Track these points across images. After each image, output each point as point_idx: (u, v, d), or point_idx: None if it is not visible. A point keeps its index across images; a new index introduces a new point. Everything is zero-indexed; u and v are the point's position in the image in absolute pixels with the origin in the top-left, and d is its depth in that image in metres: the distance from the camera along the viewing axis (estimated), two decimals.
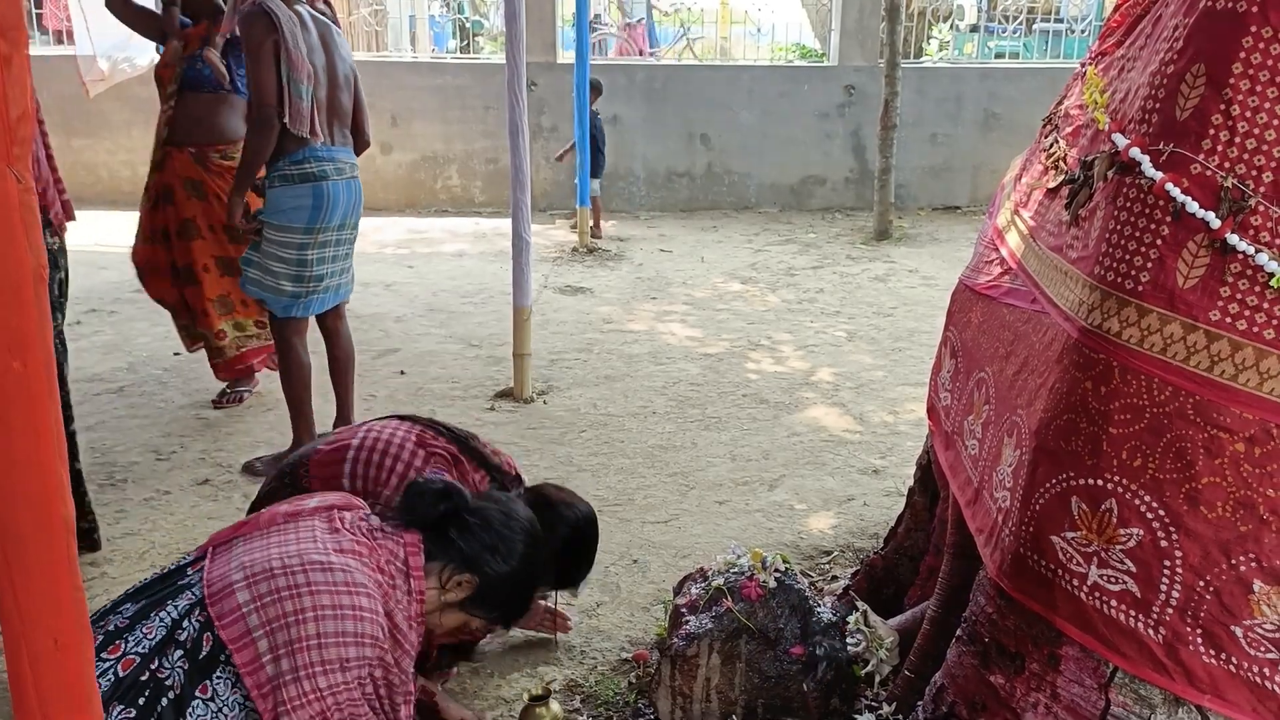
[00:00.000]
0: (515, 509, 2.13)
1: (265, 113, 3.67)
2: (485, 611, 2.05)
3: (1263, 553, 1.67)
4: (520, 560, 2.04)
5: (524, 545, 2.06)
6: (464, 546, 1.98)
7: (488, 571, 1.99)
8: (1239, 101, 1.66)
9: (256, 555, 1.84)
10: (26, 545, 1.16)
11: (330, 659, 1.75)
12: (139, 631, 1.80)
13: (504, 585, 2.02)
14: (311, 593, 1.76)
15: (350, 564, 1.83)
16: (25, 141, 1.08)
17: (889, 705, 2.43)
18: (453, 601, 1.99)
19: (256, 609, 1.77)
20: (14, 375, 1.10)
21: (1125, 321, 1.75)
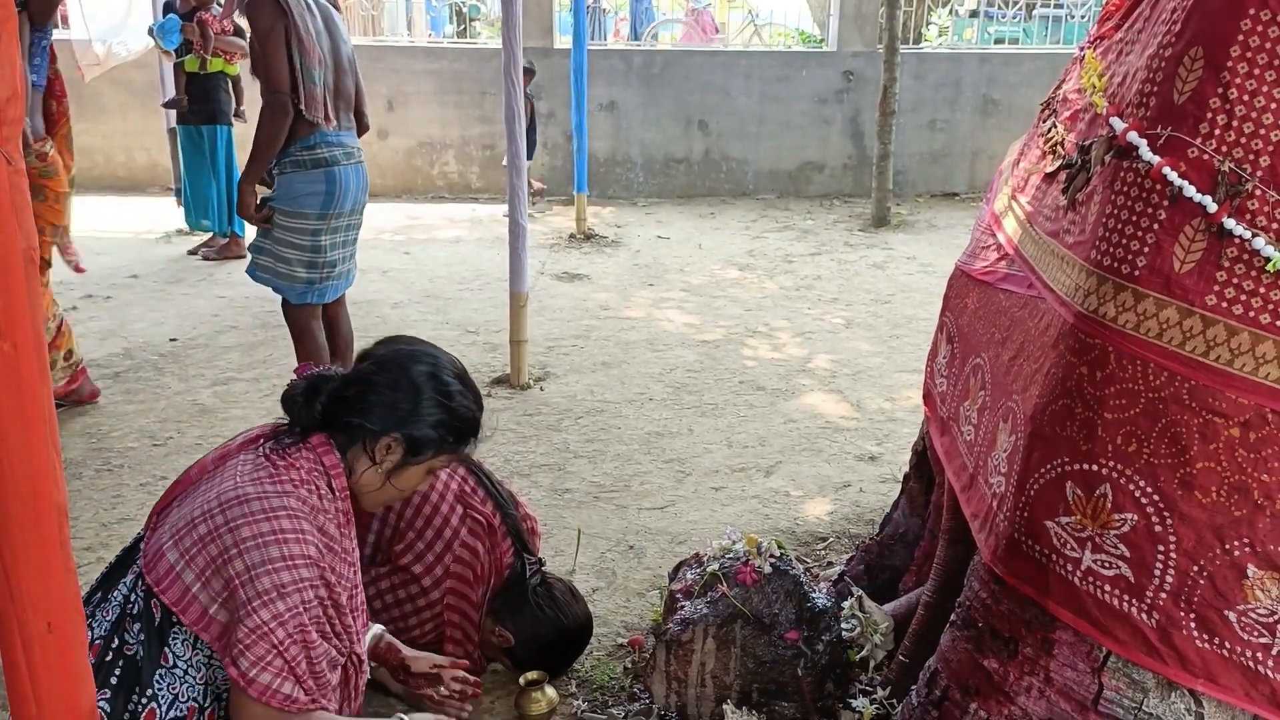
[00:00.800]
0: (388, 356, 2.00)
1: (279, 99, 3.65)
2: (433, 453, 1.95)
3: (1257, 538, 1.67)
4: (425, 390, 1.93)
5: (420, 377, 1.95)
6: (366, 421, 1.89)
7: (404, 421, 1.90)
8: (1237, 85, 1.66)
9: (183, 510, 1.81)
10: (18, 529, 1.16)
11: (266, 589, 1.70)
12: (98, 615, 1.79)
13: (428, 421, 1.92)
14: (231, 530, 1.73)
15: (266, 490, 1.77)
16: (15, 122, 1.07)
17: (883, 690, 2.43)
18: (395, 465, 1.92)
19: (187, 563, 1.74)
20: (4, 357, 1.09)
21: (1121, 306, 1.75)
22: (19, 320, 1.10)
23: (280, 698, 1.72)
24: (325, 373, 1.98)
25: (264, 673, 1.71)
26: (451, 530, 2.49)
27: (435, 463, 1.98)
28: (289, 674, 1.72)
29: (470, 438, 2.01)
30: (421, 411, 1.91)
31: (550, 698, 2.50)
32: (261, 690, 1.70)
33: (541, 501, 3.65)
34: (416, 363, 1.95)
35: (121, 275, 6.55)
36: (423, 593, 2.48)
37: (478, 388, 2.05)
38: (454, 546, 2.49)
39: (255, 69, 3.83)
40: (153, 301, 6.03)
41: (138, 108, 9.03)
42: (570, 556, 3.26)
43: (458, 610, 2.53)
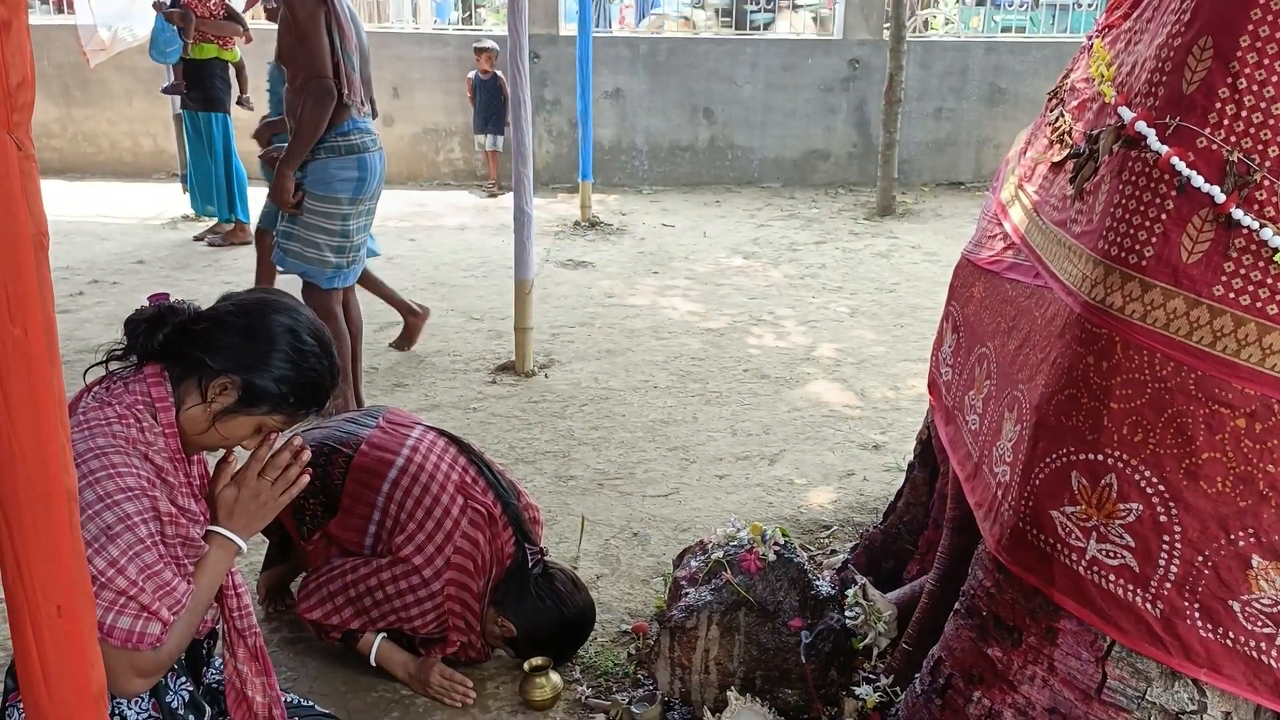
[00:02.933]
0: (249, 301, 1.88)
1: (324, 85, 3.67)
2: (269, 408, 1.82)
3: (1261, 528, 1.68)
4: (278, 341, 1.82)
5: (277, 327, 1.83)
6: (207, 357, 1.78)
7: (247, 366, 1.79)
8: (1246, 75, 1.65)
9: None
10: (28, 513, 1.16)
11: (93, 536, 1.61)
12: None
13: (272, 373, 1.80)
14: None
15: (75, 437, 1.65)
16: (26, 107, 1.07)
17: (887, 677, 2.44)
18: (225, 409, 1.79)
19: None
20: (14, 341, 1.10)
21: (1128, 296, 1.75)
22: (29, 305, 1.10)
23: (148, 640, 1.65)
24: (177, 304, 1.86)
25: (121, 617, 1.62)
26: (452, 521, 2.50)
27: (268, 421, 1.84)
28: (148, 616, 1.64)
29: (312, 404, 1.87)
30: (269, 361, 1.79)
31: (555, 684, 2.51)
32: (125, 636, 1.62)
33: (546, 488, 3.65)
34: (277, 313, 1.84)
35: (127, 261, 6.56)
36: (424, 583, 2.49)
37: (336, 359, 1.92)
38: (455, 537, 2.49)
39: (282, 55, 3.83)
40: (159, 287, 6.02)
41: (143, 93, 9.02)
42: (574, 543, 3.27)
43: (459, 600, 2.54)
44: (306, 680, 2.60)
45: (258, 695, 1.91)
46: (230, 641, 1.89)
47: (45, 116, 8.94)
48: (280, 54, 3.85)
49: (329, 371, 1.88)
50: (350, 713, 2.48)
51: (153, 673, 1.70)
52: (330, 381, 1.88)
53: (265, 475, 1.84)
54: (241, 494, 1.84)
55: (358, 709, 2.51)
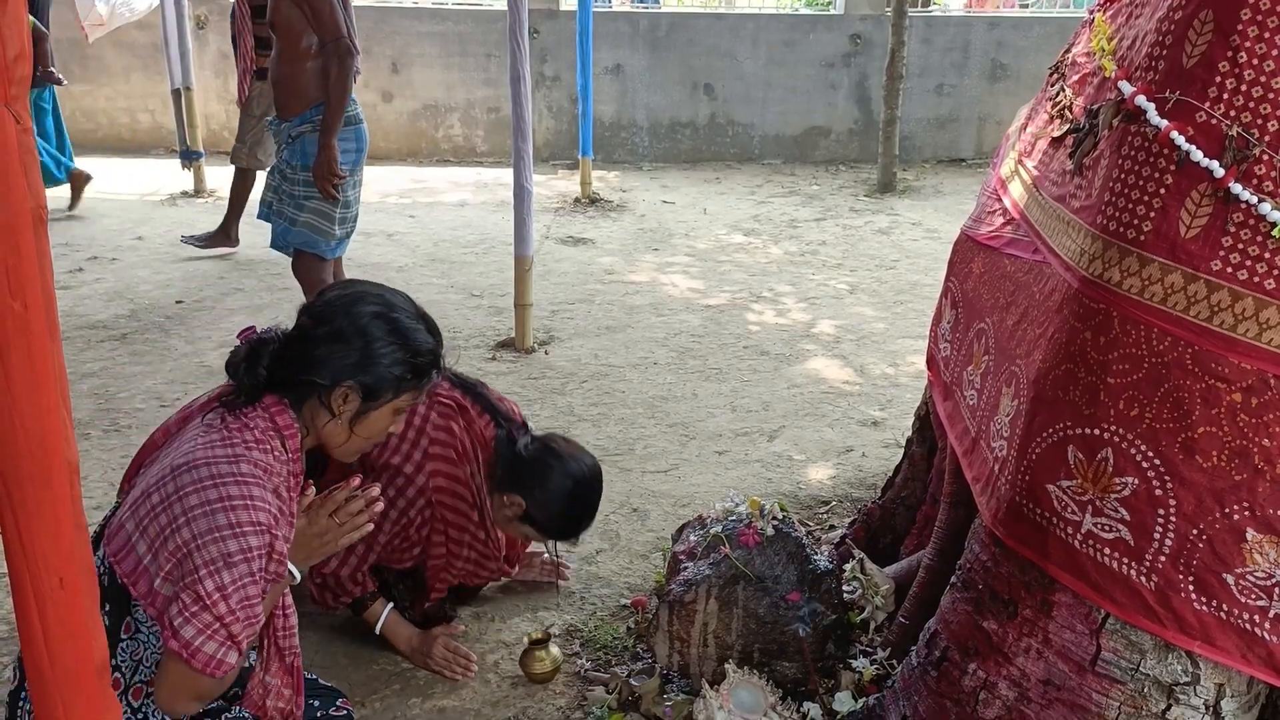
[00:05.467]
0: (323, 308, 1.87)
1: (344, 45, 3.70)
2: (393, 394, 1.84)
3: (1256, 502, 1.68)
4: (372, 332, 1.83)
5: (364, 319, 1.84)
6: (314, 377, 1.80)
7: (354, 368, 1.80)
8: (1246, 49, 1.65)
9: (144, 479, 1.75)
10: (30, 486, 1.17)
11: (212, 558, 1.62)
12: None
13: (381, 363, 1.82)
14: (180, 498, 1.65)
15: (215, 455, 1.69)
16: (23, 81, 1.07)
17: (883, 651, 2.46)
18: (355, 413, 1.82)
19: (141, 534, 1.67)
20: (14, 316, 1.10)
21: (1126, 271, 1.75)
22: (29, 279, 1.11)
23: (224, 668, 1.67)
24: (265, 335, 1.88)
25: (209, 642, 1.64)
26: (420, 417, 2.48)
27: (399, 403, 1.87)
28: (232, 645, 1.66)
29: (430, 371, 1.90)
30: (372, 354, 1.81)
31: (555, 657, 2.53)
32: (206, 661, 1.64)
33: None
34: (361, 305, 1.85)
35: (127, 237, 6.55)
36: (409, 482, 2.46)
37: (433, 320, 1.93)
38: (426, 429, 2.48)
39: (276, 24, 3.81)
40: (158, 264, 6.03)
41: (140, 69, 8.98)
42: None
43: (448, 492, 2.51)
44: (308, 653, 2.61)
45: (280, 705, 1.89)
46: (266, 656, 1.87)
47: None
48: (275, 23, 3.82)
49: (430, 333, 1.90)
50: (351, 685, 2.50)
51: (207, 698, 1.72)
52: (435, 341, 1.90)
53: (335, 516, 1.87)
54: (309, 529, 1.87)
55: (359, 681, 2.53)
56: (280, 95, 3.96)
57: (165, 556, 1.64)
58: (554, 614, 2.81)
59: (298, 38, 3.75)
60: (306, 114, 3.89)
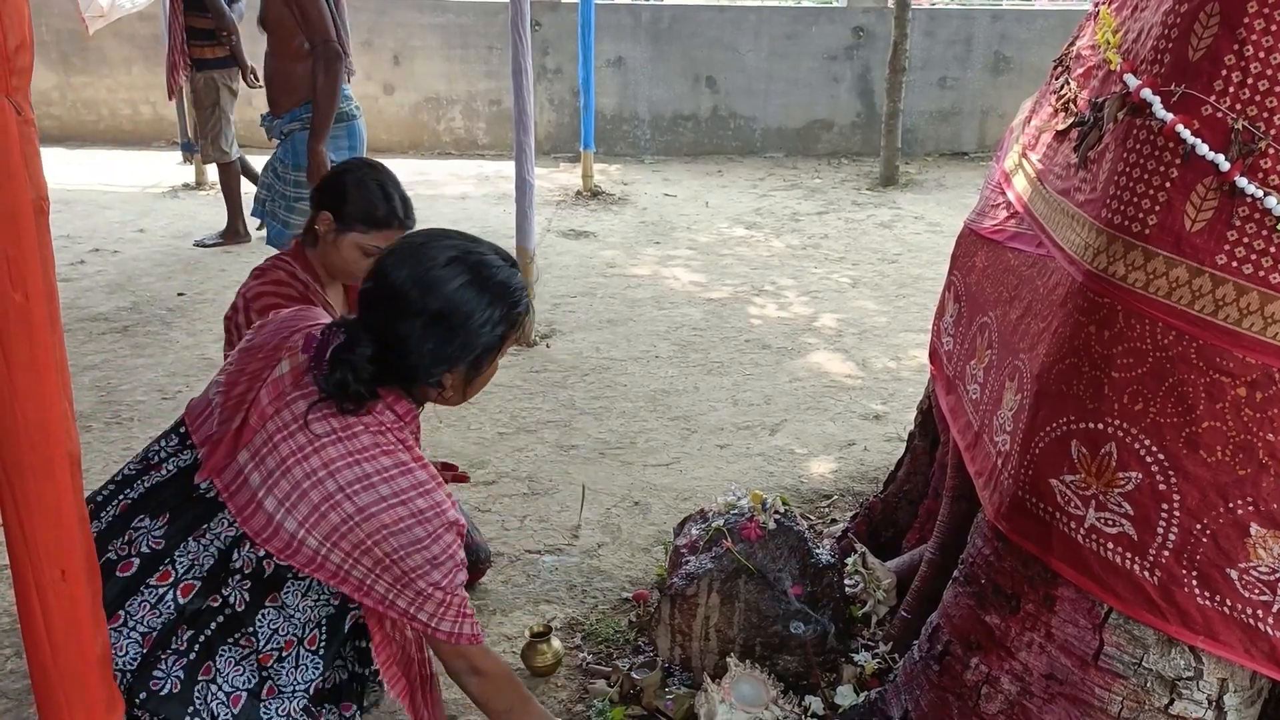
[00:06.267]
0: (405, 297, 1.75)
1: (333, 49, 3.64)
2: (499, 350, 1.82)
3: (1260, 497, 1.68)
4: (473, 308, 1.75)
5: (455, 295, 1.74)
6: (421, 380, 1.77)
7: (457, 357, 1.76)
8: (1253, 42, 1.64)
9: (283, 482, 1.70)
10: (32, 477, 1.17)
11: (419, 565, 1.70)
12: (187, 558, 1.74)
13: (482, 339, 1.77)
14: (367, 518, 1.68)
15: (385, 466, 1.71)
16: (24, 71, 1.07)
17: (885, 645, 2.46)
18: (460, 381, 1.80)
19: (332, 546, 1.70)
20: (15, 307, 1.10)
21: (1131, 265, 1.74)
22: (30, 270, 1.10)
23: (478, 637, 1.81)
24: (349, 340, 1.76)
25: (463, 623, 1.78)
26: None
27: (504, 351, 1.85)
28: (464, 616, 1.78)
29: (521, 314, 1.84)
30: (473, 332, 1.74)
31: (556, 650, 2.53)
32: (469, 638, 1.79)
33: (547, 458, 3.67)
34: (446, 281, 1.75)
35: (129, 229, 6.55)
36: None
37: (502, 249, 1.87)
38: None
39: (268, 22, 3.80)
40: (160, 256, 6.03)
41: (142, 61, 8.96)
42: (576, 512, 3.29)
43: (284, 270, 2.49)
44: None
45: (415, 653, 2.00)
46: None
47: (44, 84, 8.89)
48: (265, 18, 3.81)
49: (509, 266, 1.84)
50: None
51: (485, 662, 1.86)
52: (521, 290, 1.85)
53: None
54: None
55: None
56: (271, 91, 3.95)
57: (369, 562, 1.71)
58: (555, 607, 2.81)
59: (289, 36, 3.73)
60: (296, 111, 3.86)
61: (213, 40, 6.11)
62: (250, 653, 1.76)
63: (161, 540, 1.76)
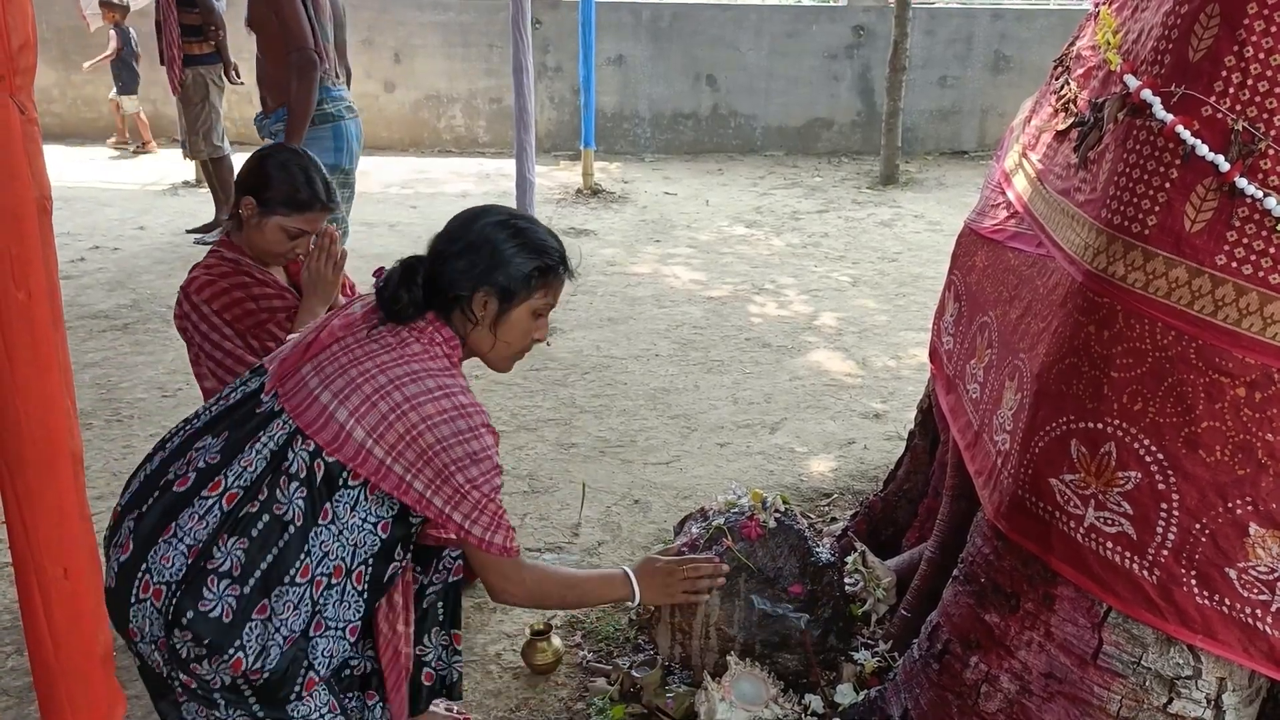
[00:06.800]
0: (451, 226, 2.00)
1: (308, 56, 3.63)
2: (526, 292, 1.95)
3: (1259, 496, 1.68)
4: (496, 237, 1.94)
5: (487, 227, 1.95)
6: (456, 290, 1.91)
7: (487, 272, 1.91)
8: (1253, 43, 1.64)
9: (337, 379, 1.83)
10: (34, 475, 1.17)
11: (459, 457, 1.80)
12: (237, 466, 1.81)
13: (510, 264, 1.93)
14: (414, 406, 1.79)
15: (431, 368, 1.85)
16: (28, 71, 1.07)
17: (885, 643, 2.47)
18: (495, 315, 1.94)
19: (376, 440, 1.79)
20: (18, 305, 1.10)
21: (1131, 265, 1.75)
22: (33, 268, 1.11)
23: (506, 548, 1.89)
24: (410, 260, 1.98)
25: (496, 532, 1.87)
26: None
27: (535, 303, 1.97)
28: (499, 524, 1.87)
29: (557, 269, 2.00)
30: (500, 257, 1.93)
31: (556, 648, 2.54)
32: (500, 549, 1.88)
33: (548, 456, 3.67)
34: (483, 217, 1.99)
35: (129, 227, 6.55)
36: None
37: (550, 228, 2.05)
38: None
39: (253, 22, 3.80)
40: (160, 253, 6.03)
41: (143, 59, 8.96)
42: (576, 510, 3.29)
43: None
44: None
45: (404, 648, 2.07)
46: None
47: (45, 81, 8.89)
48: (251, 21, 3.81)
49: (548, 236, 2.03)
50: None
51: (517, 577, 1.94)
52: (557, 242, 2.03)
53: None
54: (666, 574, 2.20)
55: None
56: (262, 90, 3.96)
57: (412, 456, 1.80)
58: None
59: (274, 37, 3.73)
60: (281, 111, 3.87)
61: (200, 36, 6.12)
62: (305, 585, 1.81)
63: (218, 456, 1.84)
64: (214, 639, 1.73)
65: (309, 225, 2.53)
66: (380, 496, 1.84)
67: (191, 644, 1.73)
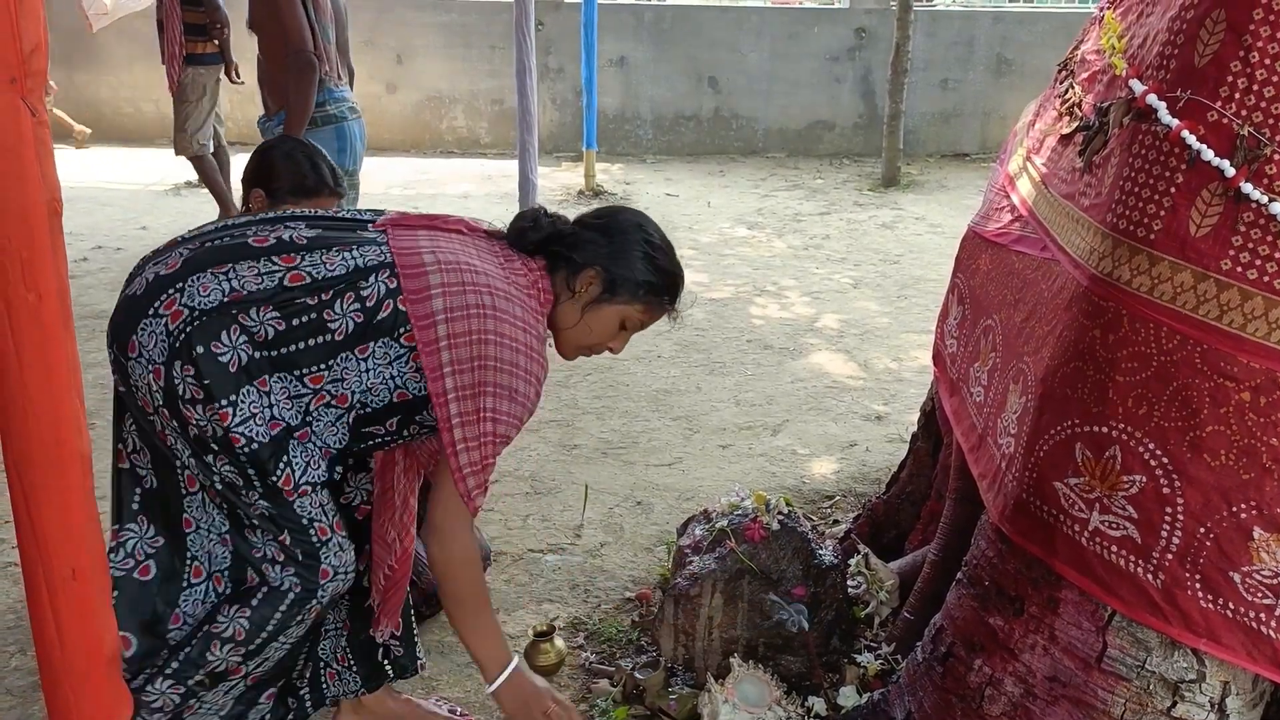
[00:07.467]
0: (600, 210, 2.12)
1: (306, 58, 3.63)
2: (629, 297, 1.99)
3: (1264, 500, 1.69)
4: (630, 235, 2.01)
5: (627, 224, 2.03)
6: (575, 254, 1.97)
7: (607, 258, 1.97)
8: (1259, 48, 1.64)
9: (445, 250, 1.85)
10: (43, 476, 1.18)
11: (504, 384, 1.81)
12: (317, 256, 1.80)
13: (629, 262, 1.98)
14: (495, 316, 1.81)
15: (529, 304, 1.89)
16: (39, 73, 1.08)
17: (888, 645, 2.47)
18: (592, 300, 1.98)
19: (446, 316, 1.79)
20: (28, 306, 1.11)
21: (1136, 269, 1.75)
22: (43, 269, 1.11)
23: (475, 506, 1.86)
24: (540, 212, 2.05)
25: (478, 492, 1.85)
26: None
27: (629, 311, 2.01)
28: (483, 485, 1.85)
29: (665, 294, 2.05)
30: (624, 252, 1.98)
31: (559, 649, 2.54)
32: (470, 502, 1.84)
33: (550, 457, 3.67)
34: (627, 215, 2.07)
35: (131, 227, 6.55)
36: None
37: (680, 263, 2.09)
38: None
39: (253, 23, 3.80)
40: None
41: (144, 59, 8.94)
42: (578, 511, 3.29)
43: None
44: None
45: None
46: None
47: None
48: (252, 22, 3.82)
49: (676, 265, 2.06)
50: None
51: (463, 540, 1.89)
52: (679, 274, 2.06)
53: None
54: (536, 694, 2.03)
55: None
56: (263, 92, 3.96)
57: (464, 353, 1.79)
58: (559, 607, 2.81)
59: (275, 39, 3.73)
60: (282, 114, 3.88)
61: (203, 35, 6.12)
62: (309, 392, 1.80)
63: (305, 240, 1.84)
64: (214, 383, 1.71)
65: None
66: (418, 369, 1.82)
67: (191, 382, 1.71)
